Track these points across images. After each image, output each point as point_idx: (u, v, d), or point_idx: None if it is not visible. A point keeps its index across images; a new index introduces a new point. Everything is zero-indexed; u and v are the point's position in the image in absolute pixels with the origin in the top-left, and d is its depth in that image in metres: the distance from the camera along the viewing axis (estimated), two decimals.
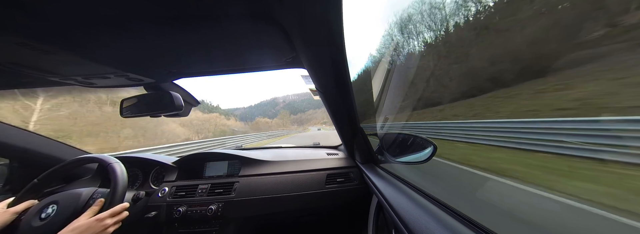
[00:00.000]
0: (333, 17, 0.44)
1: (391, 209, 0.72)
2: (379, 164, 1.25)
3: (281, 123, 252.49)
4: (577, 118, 3.64)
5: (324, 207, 1.29)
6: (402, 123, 7.11)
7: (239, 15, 0.48)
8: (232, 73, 0.89)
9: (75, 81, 0.78)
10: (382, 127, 1.69)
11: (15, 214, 0.80)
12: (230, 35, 0.57)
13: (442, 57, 14.67)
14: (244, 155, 1.45)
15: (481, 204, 1.84)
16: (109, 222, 0.80)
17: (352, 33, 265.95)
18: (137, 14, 0.45)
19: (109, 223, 0.80)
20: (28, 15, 0.43)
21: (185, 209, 1.17)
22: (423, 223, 0.56)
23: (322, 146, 1.90)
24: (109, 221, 0.80)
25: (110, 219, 0.81)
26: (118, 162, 0.94)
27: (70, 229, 0.72)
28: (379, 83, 1.69)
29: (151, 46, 0.62)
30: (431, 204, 0.66)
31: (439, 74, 12.56)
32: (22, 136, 1.19)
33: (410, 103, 7.95)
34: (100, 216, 0.79)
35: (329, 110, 1.00)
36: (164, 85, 0.89)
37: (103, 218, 0.79)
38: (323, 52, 0.58)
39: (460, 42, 15.43)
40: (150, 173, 1.45)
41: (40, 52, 0.54)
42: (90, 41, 0.56)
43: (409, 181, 0.91)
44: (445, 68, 13.00)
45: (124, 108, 0.91)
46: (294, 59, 0.74)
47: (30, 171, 1.18)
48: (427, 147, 0.92)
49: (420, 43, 21.05)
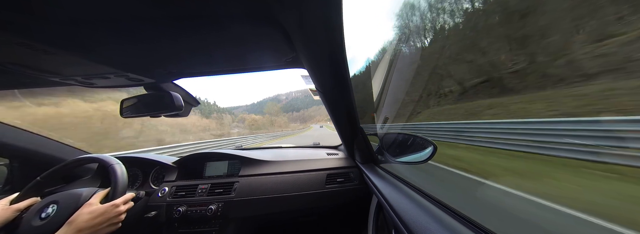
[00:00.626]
0: (333, 17, 0.44)
1: (391, 209, 0.72)
2: (379, 164, 1.25)
3: (268, 121, 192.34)
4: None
5: (324, 207, 1.29)
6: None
7: (239, 16, 0.48)
8: (232, 73, 0.89)
9: (75, 81, 0.78)
10: (382, 127, 1.69)
11: (18, 212, 0.81)
12: (231, 35, 0.57)
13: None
14: (244, 155, 1.45)
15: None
16: (122, 208, 0.83)
17: (352, 33, 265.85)
18: (138, 14, 0.45)
19: (122, 210, 0.83)
20: (28, 15, 0.43)
21: (185, 209, 1.17)
22: (423, 223, 0.56)
23: (322, 146, 1.90)
24: (123, 208, 0.84)
25: (124, 206, 0.85)
26: (119, 163, 0.94)
27: (87, 211, 0.75)
28: (379, 83, 1.69)
29: (151, 46, 0.62)
30: (431, 205, 0.66)
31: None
32: (22, 136, 1.19)
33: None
34: (116, 202, 0.82)
35: (328, 110, 1.00)
36: (164, 85, 0.89)
37: (118, 204, 0.82)
38: (323, 52, 0.58)
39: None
40: (150, 173, 1.45)
41: (40, 52, 0.54)
42: (91, 41, 0.56)
43: (409, 181, 0.91)
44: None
45: (124, 109, 0.91)
46: (294, 59, 0.74)
47: (30, 171, 1.18)
48: (427, 147, 0.92)
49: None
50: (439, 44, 17.46)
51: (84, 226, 0.71)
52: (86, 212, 0.75)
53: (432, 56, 14.50)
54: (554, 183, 3.04)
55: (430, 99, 10.55)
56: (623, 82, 4.78)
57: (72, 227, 0.70)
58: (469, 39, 14.28)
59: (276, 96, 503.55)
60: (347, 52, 0.58)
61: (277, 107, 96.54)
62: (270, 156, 1.47)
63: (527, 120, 4.63)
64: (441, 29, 21.74)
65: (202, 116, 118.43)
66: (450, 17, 22.87)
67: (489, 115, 6.64)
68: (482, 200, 2.27)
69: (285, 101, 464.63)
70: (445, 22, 22.41)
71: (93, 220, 0.74)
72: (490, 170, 3.68)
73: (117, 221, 0.80)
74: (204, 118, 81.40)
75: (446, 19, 22.86)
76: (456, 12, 22.52)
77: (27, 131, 1.22)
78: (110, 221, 0.78)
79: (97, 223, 0.74)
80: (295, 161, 1.43)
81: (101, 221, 0.75)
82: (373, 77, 1.84)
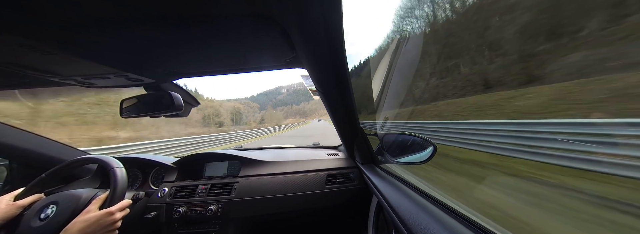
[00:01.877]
0: (333, 17, 0.44)
1: (391, 209, 0.72)
2: (379, 164, 1.25)
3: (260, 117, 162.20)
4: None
5: (324, 207, 1.29)
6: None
7: (238, 15, 0.48)
8: (232, 73, 0.89)
9: (75, 81, 0.78)
10: (382, 127, 1.68)
11: (21, 208, 0.81)
12: (230, 35, 0.57)
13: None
14: (244, 155, 1.45)
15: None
16: (118, 216, 0.82)
17: (352, 33, 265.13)
18: (137, 14, 0.45)
19: (118, 218, 0.82)
20: (28, 15, 0.43)
21: (184, 209, 1.17)
22: (423, 223, 0.56)
23: (322, 146, 1.90)
24: (118, 216, 0.82)
25: (119, 213, 0.83)
26: (120, 166, 0.94)
27: (81, 220, 0.74)
28: (379, 82, 1.69)
29: (151, 46, 0.62)
30: (431, 205, 0.66)
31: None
32: (22, 136, 1.19)
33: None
34: (111, 210, 0.81)
35: (329, 110, 1.00)
36: (164, 85, 0.89)
37: (113, 212, 0.81)
38: (323, 52, 0.58)
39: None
40: (150, 173, 1.45)
41: (40, 52, 0.54)
42: (90, 41, 0.56)
43: (409, 181, 0.91)
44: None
45: (123, 109, 0.91)
46: (294, 59, 0.74)
47: (30, 171, 1.18)
48: (427, 147, 0.92)
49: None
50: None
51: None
52: (81, 220, 0.74)
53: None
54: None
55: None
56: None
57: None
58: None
59: (277, 88, 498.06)
60: (347, 52, 0.58)
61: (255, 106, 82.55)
62: (270, 157, 1.47)
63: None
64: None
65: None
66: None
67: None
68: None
69: (286, 93, 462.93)
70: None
71: (87, 229, 0.73)
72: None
73: (112, 229, 0.80)
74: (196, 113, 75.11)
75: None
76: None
77: (27, 132, 1.22)
78: (105, 229, 0.77)
79: (90, 231, 0.73)
80: (295, 162, 1.42)
81: (95, 229, 0.75)
82: (373, 77, 1.84)
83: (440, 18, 22.62)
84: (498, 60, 10.66)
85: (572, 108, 4.02)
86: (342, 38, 0.51)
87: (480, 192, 2.56)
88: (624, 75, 3.43)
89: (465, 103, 8.27)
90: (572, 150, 2.68)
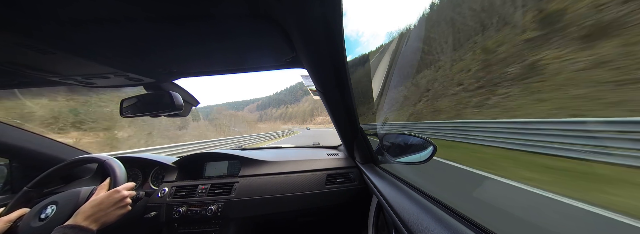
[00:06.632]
0: (333, 17, 0.44)
1: (391, 209, 0.72)
2: (379, 164, 1.25)
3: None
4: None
5: (324, 207, 1.29)
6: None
7: (239, 15, 0.48)
8: (232, 73, 0.89)
9: (75, 81, 0.78)
10: (382, 127, 1.68)
11: (10, 223, 0.79)
12: (230, 35, 0.57)
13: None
14: (244, 155, 1.45)
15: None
16: (125, 193, 0.81)
17: (352, 33, 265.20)
18: (137, 14, 0.45)
19: (126, 194, 0.81)
20: (28, 15, 0.43)
21: (185, 209, 1.17)
22: (423, 223, 0.56)
23: (322, 146, 1.90)
24: (126, 193, 0.82)
25: (126, 191, 0.83)
26: (113, 158, 0.95)
27: (90, 206, 0.74)
28: (379, 82, 1.69)
29: (151, 46, 0.62)
30: (431, 205, 0.66)
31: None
32: (22, 136, 1.19)
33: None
34: (117, 188, 0.81)
35: (329, 110, 1.00)
36: (164, 85, 0.89)
37: (120, 190, 0.81)
38: (323, 52, 0.58)
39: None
40: (150, 173, 1.45)
41: (40, 52, 0.54)
42: (90, 41, 0.56)
43: (409, 181, 0.91)
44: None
45: (123, 108, 0.91)
46: (294, 59, 0.74)
47: (30, 171, 1.18)
48: (427, 147, 0.92)
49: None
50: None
51: (90, 212, 0.71)
52: (91, 201, 0.75)
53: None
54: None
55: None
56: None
57: (79, 216, 0.70)
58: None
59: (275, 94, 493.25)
60: (347, 51, 0.58)
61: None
62: (270, 157, 1.47)
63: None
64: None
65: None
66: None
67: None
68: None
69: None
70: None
71: (98, 206, 0.73)
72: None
73: (124, 204, 0.79)
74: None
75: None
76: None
77: (27, 131, 1.21)
78: (117, 204, 0.77)
79: (103, 207, 0.74)
80: (295, 162, 1.42)
81: (107, 205, 0.75)
82: (373, 77, 1.84)
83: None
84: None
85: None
86: (342, 38, 0.51)
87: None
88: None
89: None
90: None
